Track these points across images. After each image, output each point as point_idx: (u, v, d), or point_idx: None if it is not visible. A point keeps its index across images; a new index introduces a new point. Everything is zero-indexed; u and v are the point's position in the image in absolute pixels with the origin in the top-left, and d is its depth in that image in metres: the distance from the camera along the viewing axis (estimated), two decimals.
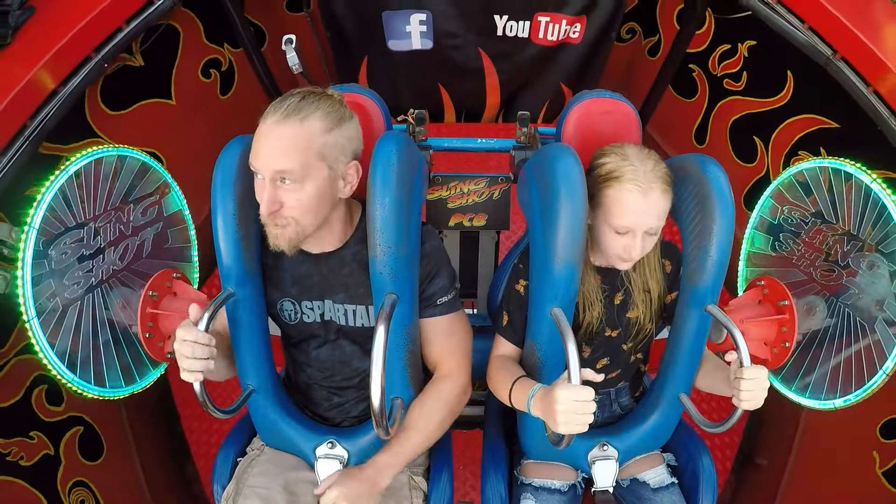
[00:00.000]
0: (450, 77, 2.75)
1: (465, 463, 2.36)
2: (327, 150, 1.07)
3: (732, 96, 2.25)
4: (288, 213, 1.07)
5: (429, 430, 1.25)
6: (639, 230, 1.13)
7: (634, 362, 1.39)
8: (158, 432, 2.26)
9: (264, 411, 1.30)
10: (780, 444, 2.06)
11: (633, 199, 1.11)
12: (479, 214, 1.77)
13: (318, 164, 1.06)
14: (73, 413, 1.80)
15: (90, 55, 1.54)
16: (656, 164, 1.14)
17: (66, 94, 1.49)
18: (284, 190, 1.05)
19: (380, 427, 1.02)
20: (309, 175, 1.05)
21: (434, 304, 1.25)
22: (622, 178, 1.12)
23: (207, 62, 2.26)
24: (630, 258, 1.16)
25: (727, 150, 2.31)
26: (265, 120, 1.06)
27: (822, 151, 1.87)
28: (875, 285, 1.22)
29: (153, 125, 2.02)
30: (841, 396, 1.25)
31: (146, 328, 1.31)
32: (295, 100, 1.06)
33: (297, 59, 2.30)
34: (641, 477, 1.36)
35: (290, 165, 1.03)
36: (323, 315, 1.27)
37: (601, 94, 1.40)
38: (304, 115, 1.05)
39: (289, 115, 1.04)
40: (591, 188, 1.16)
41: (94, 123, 1.79)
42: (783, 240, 1.43)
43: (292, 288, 1.26)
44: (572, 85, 2.79)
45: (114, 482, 1.92)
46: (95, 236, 1.27)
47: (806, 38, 1.62)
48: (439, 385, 1.28)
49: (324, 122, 1.06)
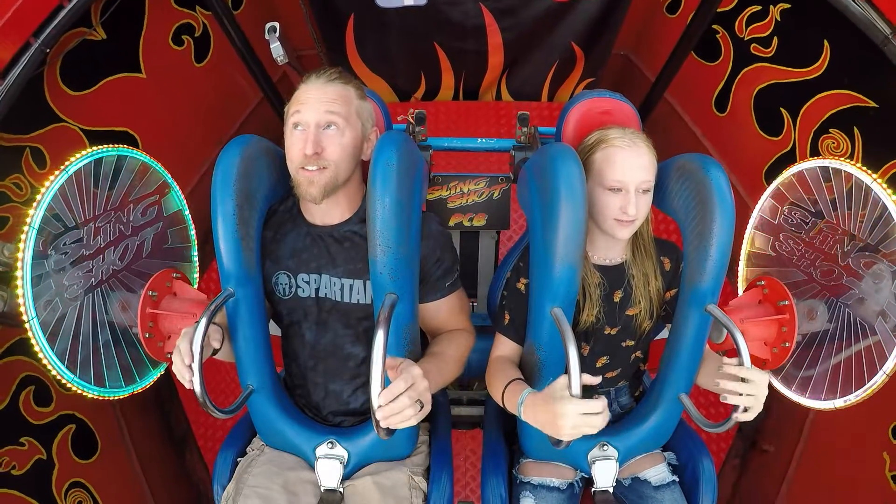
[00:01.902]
0: (447, 36, 2.52)
1: (466, 463, 2.36)
2: (362, 111, 1.26)
3: (760, 63, 2.09)
4: (329, 157, 1.19)
5: (451, 359, 1.27)
6: (631, 184, 1.17)
7: (634, 361, 1.39)
8: (154, 423, 2.21)
9: (264, 411, 1.30)
10: (788, 431, 2.04)
11: (620, 153, 1.18)
12: (479, 214, 1.77)
13: (356, 120, 1.24)
14: (64, 411, 1.76)
15: (28, 41, 1.42)
16: (637, 131, 1.25)
17: (8, 85, 1.39)
18: (327, 136, 1.19)
19: (380, 427, 1.02)
20: (349, 125, 1.21)
21: (443, 287, 1.30)
22: (607, 139, 1.21)
23: (179, 28, 2.08)
24: (628, 218, 1.17)
25: (750, 120, 2.18)
26: (309, 83, 1.22)
27: (855, 132, 1.76)
28: (875, 285, 1.22)
29: (123, 102, 1.90)
30: (841, 396, 1.25)
31: (146, 328, 1.31)
32: (335, 72, 1.25)
33: (281, 49, 2.15)
34: (643, 475, 1.36)
35: (338, 112, 1.20)
36: (318, 291, 1.29)
37: (601, 94, 1.40)
38: (346, 81, 1.25)
39: (333, 80, 1.22)
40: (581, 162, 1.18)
41: (57, 107, 1.68)
42: (783, 240, 1.43)
43: (290, 260, 1.29)
44: (585, 45, 2.56)
45: (110, 478, 1.89)
46: (95, 236, 1.27)
47: (862, 11, 1.47)
48: (453, 334, 1.34)
49: (358, 90, 1.27)
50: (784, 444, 2.05)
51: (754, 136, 2.16)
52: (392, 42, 2.55)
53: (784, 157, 2.05)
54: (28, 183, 1.63)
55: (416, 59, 2.65)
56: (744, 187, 2.26)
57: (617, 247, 1.29)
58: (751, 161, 2.21)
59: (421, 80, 2.82)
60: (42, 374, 1.69)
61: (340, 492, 1.29)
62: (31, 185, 1.63)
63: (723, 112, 2.33)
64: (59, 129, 1.71)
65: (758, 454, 2.21)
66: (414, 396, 1.00)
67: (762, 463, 2.18)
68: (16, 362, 1.59)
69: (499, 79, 2.78)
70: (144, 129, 1.91)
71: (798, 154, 2.01)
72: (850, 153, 1.80)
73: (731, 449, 2.36)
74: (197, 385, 1.08)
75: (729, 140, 2.36)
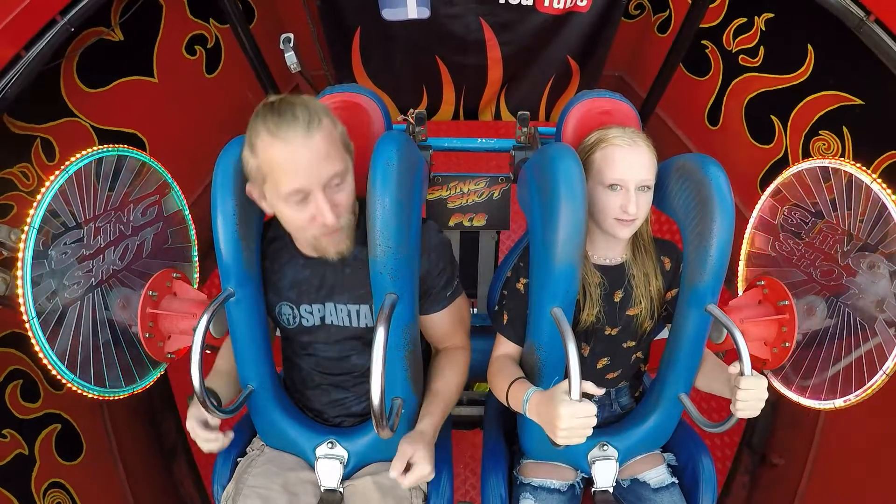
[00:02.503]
0: (449, 50, 2.57)
1: (466, 463, 2.36)
2: (344, 139, 1.12)
3: (748, 73, 2.14)
4: (344, 210, 1.11)
5: (453, 394, 1.31)
6: (631, 182, 1.17)
7: (634, 362, 1.39)
8: (142, 432, 2.18)
9: (264, 411, 1.30)
10: (798, 442, 2.00)
11: (620, 152, 1.18)
12: (479, 214, 1.77)
13: (347, 156, 1.11)
14: (51, 410, 1.73)
15: (55, 18, 1.44)
16: (637, 130, 1.25)
17: (30, 59, 1.40)
18: (335, 191, 1.08)
19: (380, 427, 1.02)
20: (348, 168, 1.10)
21: (445, 297, 1.29)
22: (607, 138, 1.21)
23: (192, 38, 2.14)
24: (629, 217, 1.17)
25: (742, 130, 2.22)
26: (286, 137, 1.00)
27: (844, 131, 1.80)
28: (875, 285, 1.22)
29: (134, 104, 1.93)
30: (841, 396, 1.25)
31: (146, 328, 1.32)
32: (293, 109, 1.02)
33: (294, 58, 2.22)
34: (642, 477, 1.36)
35: (338, 166, 1.06)
36: (323, 319, 1.27)
37: (601, 94, 1.40)
38: (320, 116, 1.04)
39: (313, 126, 1.02)
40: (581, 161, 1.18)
41: (71, 102, 1.71)
42: (783, 240, 1.43)
43: (290, 292, 1.26)
44: (580, 59, 2.62)
45: (93, 483, 1.85)
46: (95, 236, 1.27)
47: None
48: (452, 355, 1.34)
49: (328, 115, 1.08)
50: (794, 455, 2.01)
51: (747, 146, 2.20)
52: (396, 55, 2.59)
53: (777, 164, 2.09)
54: (35, 173, 1.64)
55: (419, 72, 2.69)
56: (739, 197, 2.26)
57: (617, 247, 1.29)
58: (744, 171, 2.23)
59: (423, 94, 2.86)
60: (31, 370, 1.66)
61: (340, 492, 1.29)
62: (39, 175, 1.64)
63: (715, 125, 2.37)
64: (70, 123, 1.73)
65: (768, 469, 2.18)
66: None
67: (773, 478, 2.15)
68: (5, 354, 1.57)
69: (498, 94, 2.83)
70: (152, 132, 1.93)
71: (790, 159, 2.03)
72: (842, 152, 1.83)
73: (740, 465, 2.31)
74: (197, 385, 1.08)
75: (722, 151, 2.38)
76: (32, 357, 1.54)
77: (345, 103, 1.34)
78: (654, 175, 1.21)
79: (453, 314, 1.32)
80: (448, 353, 1.36)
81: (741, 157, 2.26)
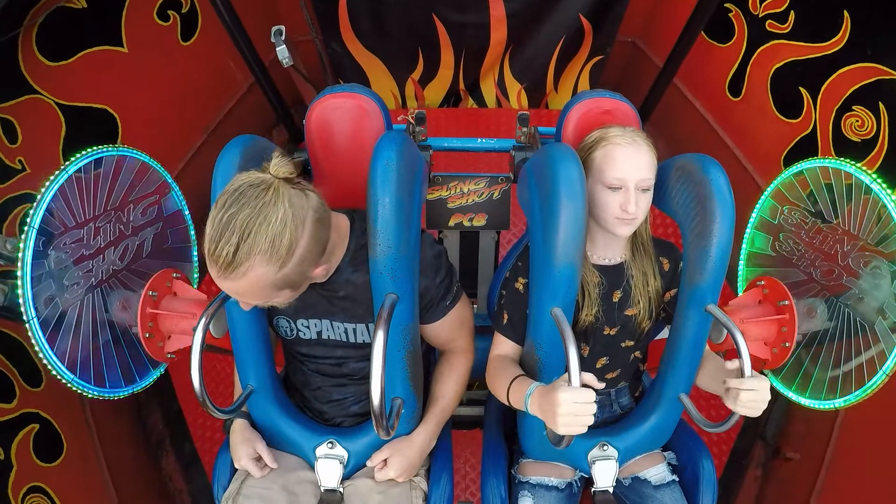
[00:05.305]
0: (446, 6, 2.33)
1: (465, 461, 2.35)
2: (287, 280, 0.99)
3: (776, 40, 1.97)
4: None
5: (452, 400, 1.37)
6: (631, 181, 1.17)
7: (633, 361, 1.39)
8: (127, 426, 2.09)
9: (264, 411, 1.30)
10: (815, 436, 1.91)
11: (620, 151, 1.18)
12: (479, 214, 1.77)
13: (283, 291, 1.02)
14: (28, 409, 1.63)
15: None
16: (637, 129, 1.25)
17: None
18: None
19: (380, 427, 1.02)
20: (280, 294, 1.03)
21: (444, 306, 1.28)
22: (607, 137, 1.21)
23: (164, 2, 1.98)
24: (629, 217, 1.17)
25: (767, 103, 2.05)
26: (214, 276, 0.95)
27: (880, 108, 1.65)
28: (875, 285, 1.22)
29: (102, 77, 1.78)
30: (841, 396, 1.25)
31: (146, 328, 1.32)
32: (228, 249, 0.90)
33: (286, 51, 2.06)
34: (643, 475, 1.36)
35: (263, 301, 1.03)
36: (320, 333, 1.27)
37: (601, 93, 1.40)
38: (244, 268, 0.91)
39: (225, 271, 0.91)
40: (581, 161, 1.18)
41: (31, 76, 1.58)
42: (783, 240, 1.43)
43: (287, 307, 1.22)
44: (593, 18, 2.38)
45: (75, 485, 1.75)
46: (95, 236, 1.27)
47: None
48: (453, 361, 1.37)
49: (269, 265, 0.93)
50: (811, 450, 1.90)
51: (772, 120, 2.03)
52: (388, 13, 2.36)
53: (805, 140, 1.92)
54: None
55: (414, 33, 2.45)
56: (760, 175, 2.16)
57: (616, 246, 1.29)
58: (768, 146, 2.10)
59: (419, 58, 2.63)
60: (6, 369, 1.57)
61: (340, 492, 1.29)
62: (2, 160, 1.52)
63: (737, 96, 2.20)
64: (32, 101, 1.60)
65: (782, 463, 2.08)
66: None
67: (787, 473, 2.05)
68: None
69: (501, 58, 2.57)
70: (124, 107, 1.79)
71: (819, 136, 1.87)
72: (876, 131, 1.69)
73: (752, 458, 2.22)
74: (197, 385, 1.08)
75: (744, 125, 2.24)
76: (7, 353, 1.49)
77: (344, 103, 1.34)
78: (654, 174, 1.21)
79: (454, 320, 1.32)
80: (450, 358, 1.37)
81: (765, 132, 2.12)
